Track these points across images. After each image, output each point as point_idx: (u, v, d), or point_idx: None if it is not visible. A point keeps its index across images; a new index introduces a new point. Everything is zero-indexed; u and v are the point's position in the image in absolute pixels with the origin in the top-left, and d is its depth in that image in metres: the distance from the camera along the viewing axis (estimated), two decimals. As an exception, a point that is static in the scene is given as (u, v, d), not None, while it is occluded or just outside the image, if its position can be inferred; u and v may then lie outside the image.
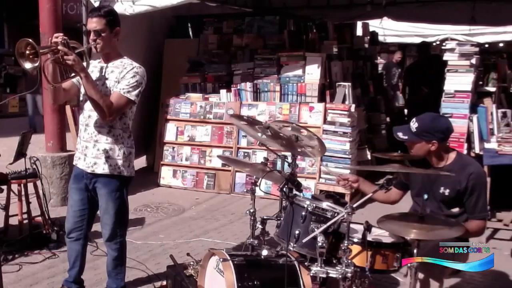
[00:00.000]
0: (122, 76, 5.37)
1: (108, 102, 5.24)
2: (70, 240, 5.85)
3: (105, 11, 5.41)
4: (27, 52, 4.78)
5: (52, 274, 6.78)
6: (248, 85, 10.95)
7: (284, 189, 4.88)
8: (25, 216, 7.81)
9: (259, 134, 5.17)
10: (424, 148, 5.00)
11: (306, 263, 4.71)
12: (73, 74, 5.22)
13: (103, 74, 5.49)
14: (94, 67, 5.56)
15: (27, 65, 4.80)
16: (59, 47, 4.94)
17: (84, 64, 5.20)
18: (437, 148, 4.99)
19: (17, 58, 4.79)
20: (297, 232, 4.62)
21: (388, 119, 14.23)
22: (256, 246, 5.22)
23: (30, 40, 4.74)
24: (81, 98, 5.61)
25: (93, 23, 5.31)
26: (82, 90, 5.41)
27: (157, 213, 9.54)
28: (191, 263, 6.04)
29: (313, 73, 10.57)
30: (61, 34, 5.06)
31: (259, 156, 10.35)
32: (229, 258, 4.70)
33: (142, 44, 11.84)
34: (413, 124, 5.04)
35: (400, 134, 5.09)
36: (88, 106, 5.42)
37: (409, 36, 19.12)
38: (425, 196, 4.81)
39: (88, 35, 5.43)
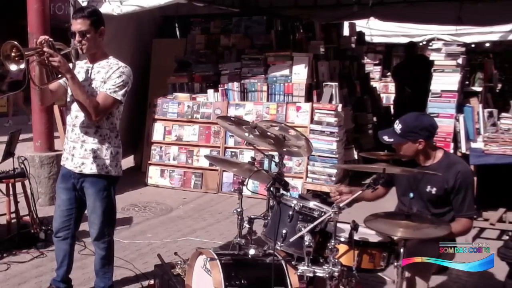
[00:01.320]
0: (108, 76, 5.36)
1: (94, 102, 5.23)
2: (57, 240, 5.84)
3: (89, 11, 5.38)
4: (13, 54, 4.77)
5: (40, 273, 6.77)
6: (235, 85, 10.95)
7: (271, 188, 4.89)
8: (13, 215, 7.80)
9: (246, 134, 5.18)
10: (411, 148, 5.02)
11: (293, 262, 4.72)
12: (59, 76, 5.22)
13: (89, 74, 5.47)
14: (81, 68, 5.55)
15: (13, 67, 4.80)
16: (44, 49, 4.93)
17: (70, 65, 5.19)
18: (424, 147, 5.00)
19: (3, 60, 4.78)
20: (284, 231, 4.62)
21: (375, 118, 14.23)
22: (244, 245, 5.23)
23: (15, 42, 4.72)
24: (68, 99, 5.59)
25: (78, 25, 5.29)
26: (69, 91, 5.40)
27: (144, 212, 9.53)
28: (179, 262, 6.05)
29: (300, 73, 10.58)
30: (47, 36, 5.06)
31: (246, 156, 10.35)
32: (216, 257, 4.71)
33: (130, 44, 11.82)
34: (397, 126, 5.05)
35: (386, 138, 5.10)
36: (75, 106, 5.41)
37: (396, 36, 19.16)
38: (411, 195, 4.82)
39: (73, 37, 5.42)
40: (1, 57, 4.78)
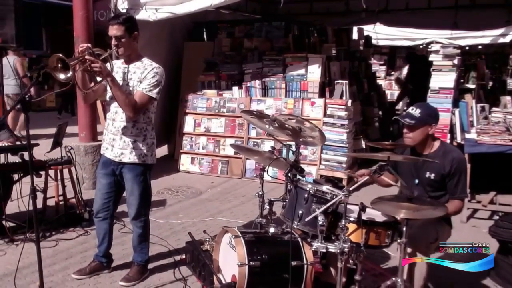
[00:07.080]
0: (144, 76, 5.35)
1: (132, 101, 5.25)
2: (98, 220, 5.88)
3: (123, 18, 5.37)
4: (59, 65, 4.76)
5: (84, 249, 6.79)
6: (257, 83, 10.96)
7: (289, 174, 4.92)
8: (61, 198, 7.85)
9: (267, 126, 5.18)
10: (424, 132, 4.91)
11: (308, 240, 4.70)
12: (100, 79, 5.23)
13: (126, 75, 5.47)
14: (118, 68, 5.53)
15: (61, 76, 4.78)
16: (86, 57, 4.96)
17: (108, 66, 5.20)
18: (432, 132, 4.95)
19: (51, 72, 4.77)
20: (300, 212, 4.62)
21: (380, 112, 14.18)
22: (264, 224, 5.28)
23: (60, 55, 4.72)
24: (107, 97, 5.61)
25: (114, 30, 5.28)
26: (109, 90, 5.41)
27: (177, 195, 9.53)
28: (207, 239, 6.06)
29: (314, 72, 10.56)
30: (87, 44, 5.08)
31: (266, 145, 10.34)
32: (240, 235, 4.74)
33: (164, 47, 11.81)
34: (414, 111, 4.92)
35: (407, 120, 4.94)
36: (114, 103, 5.42)
37: (399, 40, 19.19)
38: (416, 181, 4.81)
39: (110, 41, 5.40)
40: (49, 70, 4.79)
